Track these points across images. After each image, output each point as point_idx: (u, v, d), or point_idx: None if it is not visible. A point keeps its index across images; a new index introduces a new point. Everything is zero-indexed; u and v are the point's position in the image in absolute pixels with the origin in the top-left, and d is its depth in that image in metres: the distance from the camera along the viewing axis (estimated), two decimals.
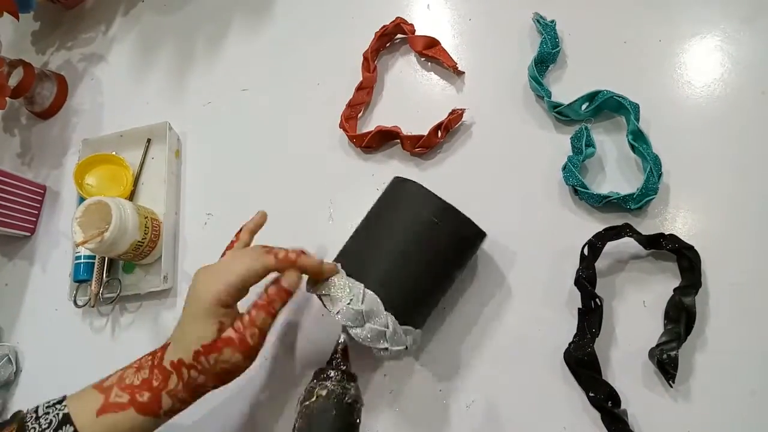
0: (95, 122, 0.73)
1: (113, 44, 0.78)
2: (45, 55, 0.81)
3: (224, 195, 0.62)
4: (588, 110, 0.51)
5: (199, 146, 0.66)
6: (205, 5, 0.75)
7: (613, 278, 0.46)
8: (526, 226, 0.50)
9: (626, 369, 0.43)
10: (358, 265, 0.42)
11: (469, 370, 0.46)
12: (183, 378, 0.39)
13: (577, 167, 0.48)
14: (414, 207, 0.43)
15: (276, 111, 0.64)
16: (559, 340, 0.44)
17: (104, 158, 0.64)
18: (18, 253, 0.68)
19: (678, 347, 0.41)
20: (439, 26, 0.62)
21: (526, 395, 0.44)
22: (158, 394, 0.39)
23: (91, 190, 0.63)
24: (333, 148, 0.59)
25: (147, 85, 0.72)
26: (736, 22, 0.52)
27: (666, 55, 0.52)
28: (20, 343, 0.62)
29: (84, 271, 0.59)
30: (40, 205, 0.70)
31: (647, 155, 0.47)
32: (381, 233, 0.43)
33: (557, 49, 0.55)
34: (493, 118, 0.55)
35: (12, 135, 0.77)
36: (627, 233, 0.45)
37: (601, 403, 0.41)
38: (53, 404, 0.39)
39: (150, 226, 0.57)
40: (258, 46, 0.69)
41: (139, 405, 0.38)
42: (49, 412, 0.38)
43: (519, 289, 0.48)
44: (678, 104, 0.50)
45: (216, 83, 0.69)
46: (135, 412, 0.38)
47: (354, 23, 0.66)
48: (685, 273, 0.44)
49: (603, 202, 0.47)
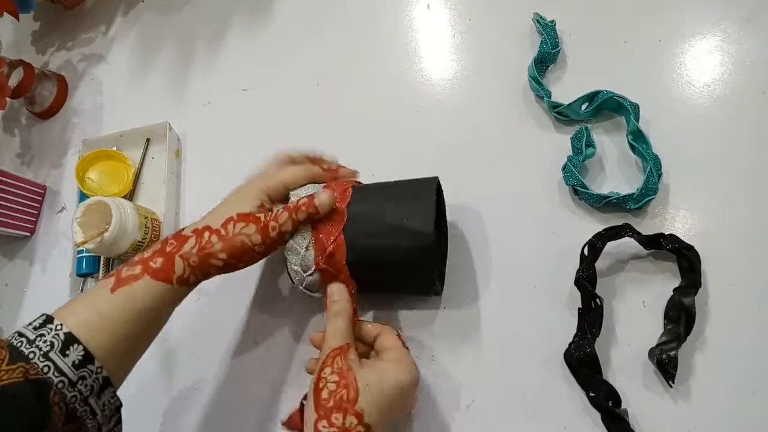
0: (95, 122, 0.73)
1: (113, 44, 0.78)
2: (45, 55, 0.82)
3: (224, 195, 0.62)
4: (588, 110, 0.51)
5: (199, 146, 0.66)
6: (205, 5, 0.75)
7: (613, 278, 0.46)
8: (526, 226, 0.50)
9: (626, 369, 0.43)
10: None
11: (468, 370, 0.46)
12: (201, 241, 0.40)
13: (577, 167, 0.48)
14: (412, 206, 0.43)
15: (276, 111, 0.64)
16: (560, 340, 0.44)
17: (107, 154, 0.65)
18: (18, 254, 0.68)
19: (678, 347, 0.41)
20: (439, 26, 0.62)
21: (526, 395, 0.44)
22: (172, 257, 0.39)
23: (91, 185, 0.63)
24: (333, 149, 0.59)
25: (147, 86, 0.72)
26: (737, 21, 0.52)
27: (666, 55, 0.52)
28: None
29: (87, 266, 0.59)
30: (40, 206, 0.70)
31: (647, 155, 0.47)
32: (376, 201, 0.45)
33: (557, 49, 0.55)
34: (493, 118, 0.55)
35: (12, 135, 0.77)
36: (627, 233, 0.45)
37: (601, 402, 0.41)
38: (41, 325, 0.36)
39: (150, 227, 0.57)
40: (258, 46, 0.69)
41: (153, 271, 0.39)
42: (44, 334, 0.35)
43: (519, 289, 0.48)
44: (678, 104, 0.50)
45: (216, 83, 0.69)
46: (150, 278, 0.38)
47: (354, 23, 0.66)
48: (684, 273, 0.44)
49: (603, 202, 0.47)
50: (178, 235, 0.41)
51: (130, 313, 0.38)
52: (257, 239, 0.41)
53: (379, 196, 0.45)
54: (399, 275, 0.45)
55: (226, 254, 0.40)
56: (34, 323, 0.36)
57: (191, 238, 0.41)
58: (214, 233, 0.40)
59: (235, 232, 0.40)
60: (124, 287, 0.38)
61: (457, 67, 0.59)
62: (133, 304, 0.38)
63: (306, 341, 0.51)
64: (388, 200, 0.44)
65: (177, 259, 0.40)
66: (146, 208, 0.59)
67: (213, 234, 0.40)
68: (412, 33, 0.62)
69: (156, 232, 0.58)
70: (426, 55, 0.61)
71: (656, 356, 0.41)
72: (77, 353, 0.35)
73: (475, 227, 0.50)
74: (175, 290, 0.40)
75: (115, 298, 0.38)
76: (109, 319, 0.37)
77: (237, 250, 0.41)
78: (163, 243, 0.41)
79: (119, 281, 0.38)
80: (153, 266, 0.39)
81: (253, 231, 0.41)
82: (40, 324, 0.36)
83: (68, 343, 0.35)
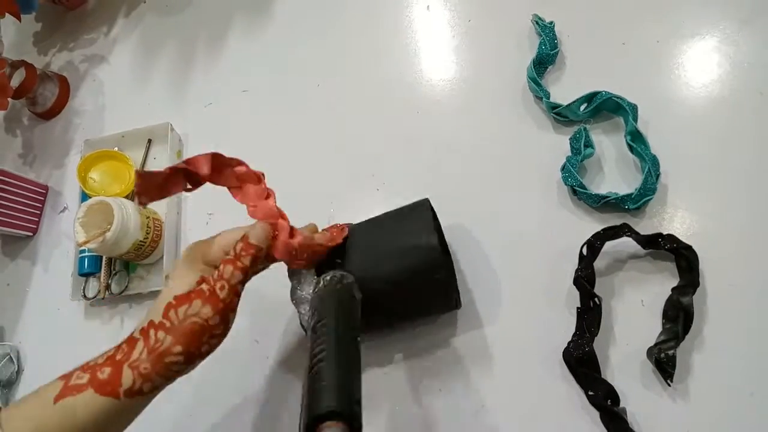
0: (97, 123, 0.73)
1: (115, 45, 0.78)
2: (47, 56, 0.82)
3: (225, 195, 0.62)
4: (587, 111, 0.51)
5: (200, 147, 0.66)
6: (206, 6, 0.76)
7: (611, 278, 0.46)
8: (525, 226, 0.50)
9: (625, 368, 0.43)
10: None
11: (468, 370, 0.47)
12: (149, 342, 0.36)
13: (575, 167, 0.49)
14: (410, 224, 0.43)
15: (276, 111, 0.64)
16: (559, 339, 0.45)
17: (108, 154, 0.65)
18: (20, 253, 0.68)
19: (676, 346, 0.41)
20: (439, 27, 0.62)
21: (526, 394, 0.45)
22: (120, 367, 0.35)
23: (93, 185, 0.63)
24: (333, 149, 0.60)
25: (149, 86, 0.73)
26: (735, 23, 0.52)
27: (664, 56, 0.53)
28: (22, 342, 0.63)
29: (89, 265, 0.60)
30: (42, 205, 0.70)
31: (645, 156, 0.47)
32: (374, 236, 0.44)
33: (556, 50, 0.55)
34: (492, 118, 0.55)
35: (14, 135, 0.77)
36: (625, 233, 0.45)
37: (600, 401, 0.42)
38: None
39: (152, 226, 0.58)
40: (258, 47, 0.69)
41: (98, 383, 0.35)
42: None
43: (518, 289, 0.48)
44: (676, 105, 0.51)
45: (217, 84, 0.69)
46: (93, 392, 0.34)
47: (354, 24, 0.66)
48: (683, 273, 0.44)
49: (601, 202, 0.47)
50: (130, 339, 0.37)
51: (70, 429, 0.34)
52: (207, 312, 0.36)
53: (376, 225, 0.45)
54: (417, 296, 0.43)
55: (181, 346, 0.35)
56: None
57: (139, 341, 0.36)
58: (160, 328, 0.36)
59: (180, 318, 0.36)
60: (67, 398, 0.35)
61: (456, 67, 0.59)
62: (74, 419, 0.34)
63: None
64: (385, 226, 0.44)
65: (125, 369, 0.35)
66: (148, 208, 0.60)
67: (159, 330, 0.36)
68: (411, 34, 0.63)
69: (158, 232, 0.59)
70: (426, 56, 0.61)
71: (655, 355, 0.42)
72: None
73: (474, 227, 0.51)
74: (123, 404, 0.35)
75: (56, 409, 0.34)
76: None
77: (191, 336, 0.36)
78: (117, 348, 0.37)
79: (65, 389, 0.35)
80: (100, 377, 0.35)
81: (199, 306, 0.36)
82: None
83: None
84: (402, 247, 0.42)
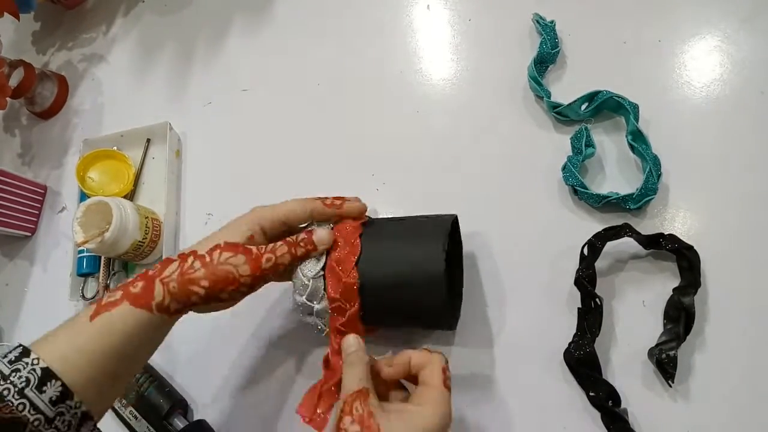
0: (96, 122, 0.73)
1: (114, 44, 0.78)
2: (45, 55, 0.82)
3: (224, 195, 0.62)
4: (587, 110, 0.51)
5: (199, 146, 0.66)
6: (205, 5, 0.75)
7: (612, 278, 0.46)
8: (526, 226, 0.50)
9: (626, 368, 0.43)
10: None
11: (468, 370, 0.46)
12: (184, 265, 0.38)
13: (576, 167, 0.48)
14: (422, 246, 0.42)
15: (276, 111, 0.64)
16: (559, 339, 0.44)
17: (107, 154, 0.65)
18: (18, 253, 0.68)
19: (677, 347, 0.41)
20: (439, 27, 0.62)
21: (526, 394, 0.44)
22: (152, 281, 0.37)
23: (92, 185, 0.63)
24: (333, 149, 0.59)
25: (147, 86, 0.72)
26: (736, 22, 0.52)
27: (665, 56, 0.53)
28: (21, 342, 0.62)
29: (88, 265, 0.60)
30: (41, 205, 0.70)
31: (647, 155, 0.47)
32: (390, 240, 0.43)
33: (557, 49, 0.55)
34: (493, 118, 0.55)
35: (12, 135, 0.77)
36: (626, 233, 0.45)
37: (601, 402, 0.41)
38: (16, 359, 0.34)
39: (150, 226, 0.57)
40: (258, 46, 0.69)
41: (132, 297, 0.37)
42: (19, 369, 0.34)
43: (519, 289, 0.48)
44: (677, 104, 0.50)
45: (216, 83, 0.69)
46: (129, 304, 0.36)
47: (354, 23, 0.66)
48: (684, 273, 0.44)
49: (602, 202, 0.47)
50: (166, 260, 0.40)
51: (109, 344, 0.36)
52: (245, 270, 0.39)
53: (392, 233, 0.44)
54: (409, 315, 0.43)
55: (208, 282, 0.38)
56: (9, 356, 0.34)
57: (175, 262, 0.39)
58: (198, 258, 0.39)
59: (220, 260, 0.38)
60: (103, 314, 0.36)
61: (456, 67, 0.59)
62: (111, 334, 0.36)
63: (316, 338, 0.51)
64: (399, 238, 0.43)
65: (157, 283, 0.37)
66: (147, 208, 0.60)
67: (197, 259, 0.38)
68: (411, 33, 0.63)
69: (156, 232, 0.58)
70: (426, 56, 0.61)
71: (656, 356, 0.41)
72: (55, 389, 0.33)
73: (475, 227, 0.50)
74: (154, 319, 0.37)
75: (93, 327, 0.36)
76: (87, 352, 0.35)
77: (220, 280, 0.38)
78: (150, 268, 0.39)
79: (99, 307, 0.37)
80: (133, 291, 0.37)
81: (242, 262, 0.39)
82: (16, 357, 0.34)
83: (45, 379, 0.33)
84: (411, 267, 0.41)
